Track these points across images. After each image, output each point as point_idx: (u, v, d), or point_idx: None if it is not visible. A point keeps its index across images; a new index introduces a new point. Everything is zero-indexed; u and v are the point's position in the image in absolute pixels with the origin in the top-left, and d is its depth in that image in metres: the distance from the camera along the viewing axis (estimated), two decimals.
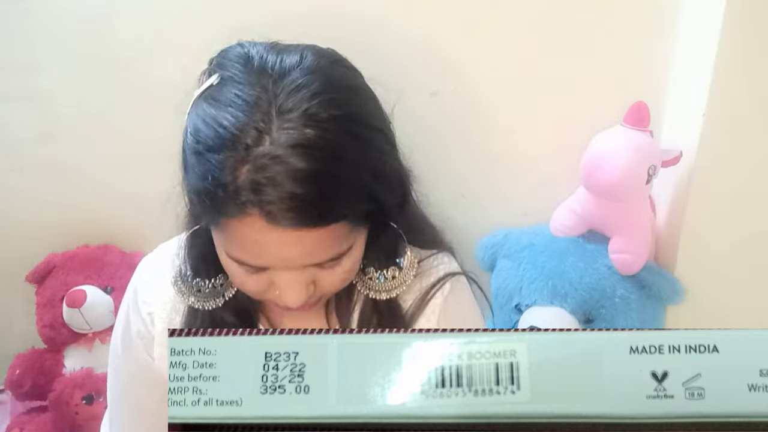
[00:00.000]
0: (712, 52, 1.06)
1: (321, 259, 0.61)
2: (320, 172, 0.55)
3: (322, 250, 0.60)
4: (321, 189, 0.56)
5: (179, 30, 1.25)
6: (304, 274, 0.63)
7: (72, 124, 1.34)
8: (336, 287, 0.68)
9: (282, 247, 0.58)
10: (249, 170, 0.55)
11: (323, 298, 0.71)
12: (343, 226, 0.60)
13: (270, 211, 0.55)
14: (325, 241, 0.59)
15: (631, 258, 1.15)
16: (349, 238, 0.62)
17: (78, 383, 1.30)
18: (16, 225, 1.41)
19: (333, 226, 0.58)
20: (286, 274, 0.62)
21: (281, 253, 0.59)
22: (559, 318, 1.16)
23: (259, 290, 0.65)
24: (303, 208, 0.55)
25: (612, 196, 1.12)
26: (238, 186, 0.55)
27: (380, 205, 0.64)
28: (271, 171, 0.54)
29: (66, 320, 1.31)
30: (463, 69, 1.22)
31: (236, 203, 0.56)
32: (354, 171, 0.58)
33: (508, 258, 1.25)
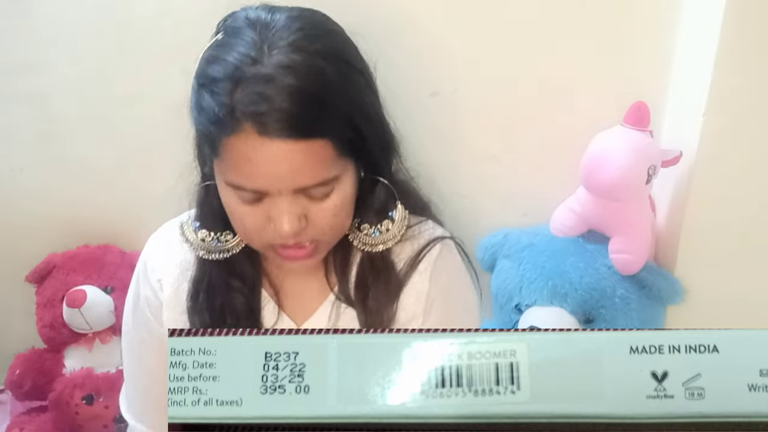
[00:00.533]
0: (712, 52, 1.06)
1: (309, 179, 0.67)
2: (305, 89, 0.64)
3: (309, 168, 0.66)
4: (306, 104, 0.64)
5: (179, 30, 1.25)
6: (296, 204, 0.68)
7: (72, 124, 1.34)
8: (328, 228, 0.72)
9: (272, 164, 0.65)
10: (243, 89, 0.64)
11: (319, 248, 0.75)
12: (327, 146, 0.66)
13: (261, 122, 0.63)
14: (311, 159, 0.66)
15: (631, 258, 1.15)
16: (335, 166, 0.69)
17: (78, 383, 1.31)
18: (17, 225, 1.42)
19: (318, 143, 0.65)
20: (279, 202, 0.68)
21: (272, 170, 0.65)
22: (559, 318, 1.16)
23: (257, 227, 0.70)
24: (289, 119, 0.63)
25: (612, 196, 1.12)
26: (234, 103, 0.64)
27: (363, 139, 0.71)
28: (262, 87, 0.63)
29: (66, 320, 1.31)
30: (463, 69, 1.22)
31: (233, 118, 0.64)
32: (336, 95, 0.66)
33: (508, 258, 1.25)
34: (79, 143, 1.35)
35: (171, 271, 0.83)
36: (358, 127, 0.70)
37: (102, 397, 1.30)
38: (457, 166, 1.26)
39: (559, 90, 1.22)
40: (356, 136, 0.70)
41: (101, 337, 1.35)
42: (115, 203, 1.39)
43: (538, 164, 1.28)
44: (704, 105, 1.09)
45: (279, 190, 0.68)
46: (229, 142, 0.66)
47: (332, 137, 0.67)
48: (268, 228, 0.71)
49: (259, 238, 0.73)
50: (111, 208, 1.39)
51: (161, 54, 1.27)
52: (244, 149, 0.65)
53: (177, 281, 0.82)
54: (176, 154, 1.34)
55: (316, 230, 0.72)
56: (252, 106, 0.63)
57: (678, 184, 1.18)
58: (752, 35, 1.05)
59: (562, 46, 1.19)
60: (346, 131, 0.69)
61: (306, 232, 0.71)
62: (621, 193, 1.11)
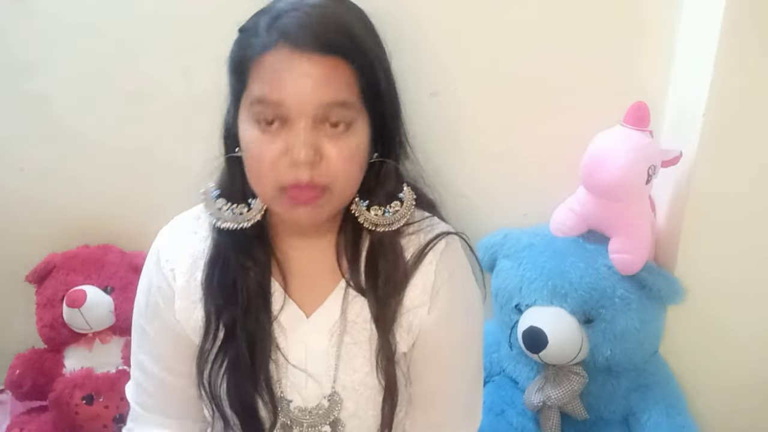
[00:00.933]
0: (712, 52, 1.06)
1: (329, 95, 0.72)
2: (334, 19, 0.74)
3: (331, 84, 0.72)
4: (334, 28, 0.73)
5: (179, 30, 1.25)
6: (314, 135, 0.73)
7: (72, 125, 1.34)
8: (340, 172, 0.75)
9: (299, 77, 0.71)
10: (281, 19, 0.73)
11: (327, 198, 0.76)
12: (349, 70, 0.73)
13: (293, 38, 0.71)
14: (333, 77, 0.72)
15: (631, 258, 1.15)
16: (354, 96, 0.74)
17: (78, 383, 1.31)
18: (16, 225, 1.42)
19: (342, 64, 0.72)
20: (297, 130, 0.72)
21: (298, 82, 0.71)
22: (559, 318, 1.16)
23: (272, 161, 0.73)
24: (319, 36, 0.71)
25: (612, 196, 1.12)
26: (272, 27, 0.73)
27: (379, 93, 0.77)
28: (297, 15, 0.72)
29: (66, 320, 1.31)
30: (464, 69, 1.22)
31: (269, 37, 0.72)
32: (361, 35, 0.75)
33: (508, 258, 1.25)
34: (78, 144, 1.35)
35: (184, 261, 0.85)
36: (374, 71, 0.76)
37: (102, 397, 1.30)
38: (456, 166, 1.26)
39: (559, 90, 1.22)
40: (372, 81, 0.76)
41: (101, 337, 1.35)
42: (115, 203, 1.39)
43: (538, 164, 1.28)
44: (704, 105, 1.09)
45: (299, 108, 0.72)
46: (260, 60, 0.73)
47: (352, 62, 0.73)
48: (283, 162, 0.73)
49: (273, 175, 0.74)
50: (111, 208, 1.40)
51: (161, 54, 1.27)
52: (274, 62, 0.72)
53: (189, 271, 0.84)
54: (176, 155, 1.36)
55: (329, 171, 0.74)
56: (287, 26, 0.72)
57: (678, 184, 1.18)
58: (752, 35, 1.05)
59: (562, 47, 1.19)
60: (363, 66, 0.74)
61: (319, 170, 0.73)
62: (621, 193, 1.11)
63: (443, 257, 0.85)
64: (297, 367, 0.84)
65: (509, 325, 1.24)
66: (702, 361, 1.26)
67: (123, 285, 1.35)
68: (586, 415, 1.22)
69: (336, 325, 0.84)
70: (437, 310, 0.84)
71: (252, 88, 0.74)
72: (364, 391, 0.84)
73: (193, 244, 0.86)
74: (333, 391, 0.84)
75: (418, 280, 0.84)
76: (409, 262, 0.84)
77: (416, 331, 0.84)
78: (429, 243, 0.85)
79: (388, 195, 0.83)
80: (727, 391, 1.26)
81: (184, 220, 0.89)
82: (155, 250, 0.87)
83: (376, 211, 0.82)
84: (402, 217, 0.83)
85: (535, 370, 1.25)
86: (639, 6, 1.16)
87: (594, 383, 1.21)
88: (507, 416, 1.24)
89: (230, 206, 0.81)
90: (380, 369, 0.82)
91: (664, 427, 1.17)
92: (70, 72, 1.29)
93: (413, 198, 0.84)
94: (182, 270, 0.85)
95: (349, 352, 0.84)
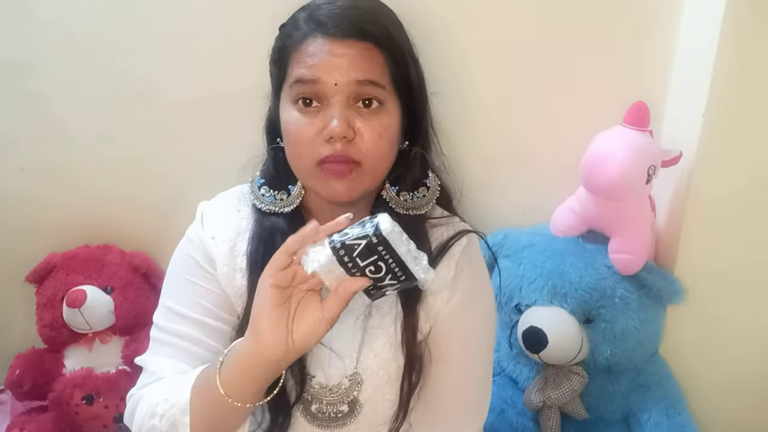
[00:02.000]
0: (712, 52, 1.06)
1: (362, 72, 0.79)
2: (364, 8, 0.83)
3: (364, 63, 0.79)
4: (366, 19, 0.81)
5: (179, 30, 1.25)
6: (348, 111, 0.80)
7: (71, 124, 1.34)
8: (373, 148, 0.81)
9: (334, 57, 0.79)
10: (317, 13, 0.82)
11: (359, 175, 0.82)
12: (380, 55, 0.81)
13: (327, 28, 0.79)
14: (366, 57, 0.80)
15: (631, 258, 1.15)
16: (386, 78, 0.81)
17: (78, 383, 1.31)
18: (16, 225, 1.42)
19: (374, 49, 0.80)
20: (333, 107, 0.79)
21: (333, 62, 0.79)
22: (559, 318, 1.16)
23: (310, 138, 0.80)
24: (352, 24, 0.80)
25: (612, 196, 1.12)
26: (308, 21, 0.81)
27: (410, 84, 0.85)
28: (332, 9, 0.81)
29: (66, 320, 1.31)
30: (464, 69, 1.22)
31: (306, 29, 0.81)
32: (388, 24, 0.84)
33: (508, 258, 1.25)
34: (78, 144, 1.35)
35: (226, 231, 0.90)
36: (404, 59, 0.84)
37: (102, 397, 1.30)
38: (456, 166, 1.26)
39: (559, 90, 1.22)
40: (402, 67, 0.84)
41: (101, 337, 1.35)
42: (114, 203, 1.39)
43: (538, 164, 1.28)
44: (704, 105, 1.09)
45: (335, 83, 0.78)
46: (299, 49, 0.81)
47: (382, 47, 0.81)
48: (320, 139, 0.80)
49: (311, 151, 0.81)
50: (111, 208, 1.39)
51: (161, 55, 1.27)
52: (310, 48, 0.80)
53: (232, 240, 0.89)
54: (176, 155, 1.36)
55: (362, 147, 0.81)
56: (323, 17, 0.80)
57: (678, 184, 1.18)
58: (752, 35, 1.05)
59: (563, 47, 1.19)
60: (393, 52, 0.82)
61: (353, 145, 0.80)
62: (621, 193, 1.11)
63: (464, 253, 0.90)
64: (323, 344, 0.86)
65: (509, 325, 1.24)
66: (702, 361, 1.26)
67: (123, 285, 1.35)
68: (586, 415, 1.22)
69: (361, 307, 0.87)
70: (454, 302, 0.88)
71: (291, 73, 0.82)
72: (383, 375, 0.87)
73: (235, 219, 0.91)
74: (355, 371, 0.86)
75: (439, 272, 0.87)
76: (433, 254, 0.89)
77: (433, 320, 0.88)
78: (453, 237, 0.90)
79: (415, 181, 0.90)
80: (727, 391, 1.26)
81: (224, 200, 0.94)
82: (199, 217, 0.92)
83: (405, 196, 0.89)
84: (429, 202, 0.90)
85: (535, 370, 1.25)
86: (639, 6, 1.16)
87: (594, 383, 1.21)
88: (507, 416, 1.24)
89: (272, 193, 0.89)
90: (403, 344, 0.86)
91: (664, 427, 1.17)
92: (70, 72, 1.29)
93: (438, 184, 0.91)
94: (224, 238, 0.89)
95: (373, 335, 0.87)
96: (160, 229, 1.37)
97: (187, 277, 0.89)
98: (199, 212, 0.93)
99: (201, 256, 0.89)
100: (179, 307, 0.88)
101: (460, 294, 0.88)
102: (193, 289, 0.88)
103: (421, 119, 0.90)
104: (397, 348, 0.86)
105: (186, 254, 0.91)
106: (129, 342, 1.36)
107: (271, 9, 0.89)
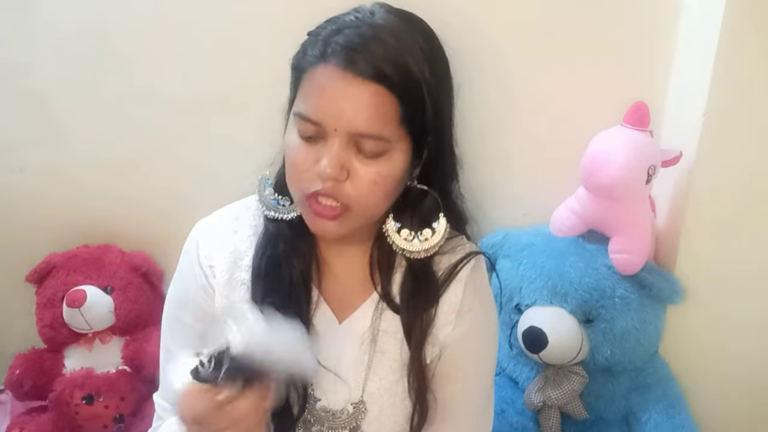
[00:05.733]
0: (712, 52, 1.06)
1: (365, 125, 0.73)
2: (389, 41, 0.73)
3: (369, 114, 0.72)
4: (391, 56, 0.73)
5: (179, 31, 1.25)
6: (345, 152, 0.74)
7: (72, 125, 1.34)
8: (364, 194, 0.76)
9: (341, 98, 0.72)
10: (343, 32, 0.74)
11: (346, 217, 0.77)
12: (393, 103, 0.73)
13: (348, 56, 0.72)
14: (374, 106, 0.72)
15: (631, 258, 1.15)
16: (392, 128, 0.74)
17: (78, 383, 1.31)
18: (16, 225, 1.42)
19: (387, 96, 0.72)
20: (330, 144, 0.73)
21: (338, 103, 0.72)
22: (559, 318, 1.16)
23: (303, 167, 0.76)
24: (374, 61, 0.72)
25: (612, 196, 1.12)
26: (331, 39, 0.74)
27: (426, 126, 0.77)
28: (358, 32, 0.73)
29: (66, 320, 1.31)
30: (464, 69, 1.22)
31: (325, 49, 0.73)
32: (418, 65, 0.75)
33: (508, 258, 1.25)
34: (78, 144, 1.35)
35: (224, 258, 0.85)
36: (422, 104, 0.76)
37: (102, 397, 1.30)
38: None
39: (560, 90, 1.22)
40: (421, 116, 0.76)
41: (101, 337, 1.35)
42: (115, 203, 1.39)
43: (538, 164, 1.28)
44: (704, 105, 1.09)
45: (335, 128, 0.73)
46: (312, 72, 0.74)
47: (398, 94, 0.73)
48: (312, 171, 0.75)
49: (300, 180, 0.77)
50: (111, 208, 1.39)
51: (161, 55, 1.27)
52: (321, 78, 0.73)
53: (230, 270, 0.85)
54: (176, 155, 1.36)
55: (352, 191, 0.75)
56: (345, 41, 0.73)
57: (678, 184, 1.18)
58: (752, 35, 1.05)
59: (563, 46, 1.19)
60: (414, 100, 0.75)
61: (343, 188, 0.75)
62: (621, 193, 1.11)
63: (471, 277, 0.87)
64: (328, 369, 0.84)
65: (509, 325, 1.24)
66: (702, 361, 1.26)
67: (123, 285, 1.35)
68: (586, 415, 1.22)
69: (367, 333, 0.85)
70: (461, 328, 0.86)
71: (299, 100, 0.76)
72: (388, 398, 0.85)
73: (233, 243, 0.86)
74: (360, 399, 0.85)
75: (446, 298, 0.86)
76: (440, 279, 0.86)
77: (440, 347, 0.86)
78: (459, 262, 0.87)
79: (421, 221, 0.83)
80: (727, 391, 1.26)
81: (222, 219, 0.89)
82: (194, 244, 0.87)
83: (406, 236, 0.82)
84: (432, 248, 0.82)
85: (535, 370, 1.25)
86: (639, 6, 1.16)
87: (594, 383, 1.21)
88: (507, 416, 1.24)
89: (276, 196, 0.84)
90: (411, 388, 0.84)
91: (664, 426, 1.17)
92: (70, 73, 1.29)
93: (446, 229, 0.83)
94: (222, 269, 0.85)
95: (378, 359, 0.85)
96: (160, 229, 1.38)
97: (181, 315, 0.87)
98: (194, 238, 0.87)
99: (202, 292, 0.85)
100: (175, 348, 0.87)
101: (466, 320, 0.86)
102: (186, 332, 0.86)
103: (438, 158, 0.82)
104: (401, 371, 0.85)
105: (181, 288, 0.88)
106: (129, 342, 1.36)
107: (272, 9, 0.89)
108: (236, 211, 0.89)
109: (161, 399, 0.90)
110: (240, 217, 0.88)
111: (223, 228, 0.87)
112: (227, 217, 0.88)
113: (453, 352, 0.86)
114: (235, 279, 0.84)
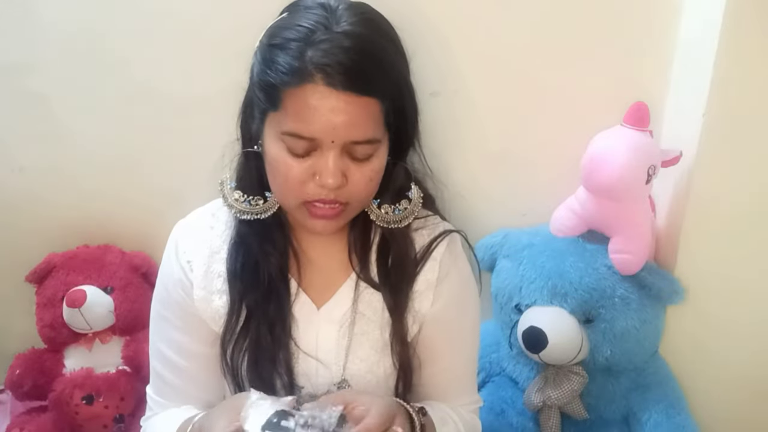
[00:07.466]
0: (712, 52, 1.06)
1: (360, 133, 0.75)
2: (368, 52, 0.75)
3: (362, 123, 0.75)
4: (368, 64, 0.74)
5: (179, 30, 1.25)
6: (341, 161, 0.76)
7: (71, 125, 1.34)
8: (363, 191, 0.80)
9: (333, 114, 0.73)
10: (315, 47, 0.73)
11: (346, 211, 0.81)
12: (377, 107, 0.76)
13: (329, 74, 0.72)
14: (364, 115, 0.75)
15: (631, 258, 1.15)
16: (380, 129, 0.78)
17: (78, 383, 1.31)
18: (16, 225, 1.41)
19: (372, 102, 0.75)
20: (326, 157, 0.75)
21: (332, 119, 0.73)
22: (559, 318, 1.16)
23: (300, 181, 0.77)
24: (354, 74, 0.73)
25: (612, 196, 1.12)
26: (307, 57, 0.73)
27: (404, 114, 0.81)
28: (333, 46, 0.73)
29: (66, 320, 1.31)
30: (464, 69, 1.22)
31: (304, 70, 0.73)
32: (390, 64, 0.77)
33: (508, 258, 1.25)
34: (78, 144, 1.35)
35: (201, 253, 0.88)
36: (402, 98, 0.80)
37: (102, 397, 1.30)
38: (456, 166, 1.26)
39: (560, 90, 1.22)
40: (399, 107, 0.80)
41: (101, 337, 1.35)
42: (115, 203, 1.39)
43: (538, 164, 1.28)
44: (704, 105, 1.09)
45: (332, 141, 0.75)
46: (295, 92, 0.74)
47: (383, 99, 0.76)
48: (310, 182, 0.78)
49: (299, 192, 0.78)
50: (111, 208, 1.39)
51: (160, 55, 1.27)
52: (310, 98, 0.73)
53: (207, 263, 0.88)
54: (175, 155, 1.35)
55: (352, 191, 0.79)
56: (324, 59, 0.72)
57: (678, 184, 1.18)
58: (752, 35, 1.05)
59: (562, 46, 1.19)
60: (393, 97, 0.78)
61: (343, 191, 0.78)
62: (621, 193, 1.11)
63: (446, 253, 0.91)
64: (308, 355, 0.87)
65: (509, 325, 1.24)
66: (702, 361, 1.26)
67: (123, 285, 1.35)
68: (586, 415, 1.22)
69: (346, 315, 0.88)
70: (440, 303, 0.89)
71: (285, 119, 0.76)
72: (371, 379, 0.88)
73: (209, 238, 0.89)
74: (342, 379, 0.87)
75: (423, 276, 0.89)
76: (417, 255, 0.90)
77: (420, 322, 0.89)
78: (434, 240, 0.91)
79: (397, 193, 0.88)
80: (727, 391, 1.26)
81: (199, 216, 0.92)
82: (173, 242, 0.90)
83: (387, 209, 0.87)
84: (410, 215, 0.88)
85: (535, 370, 1.25)
86: (639, 6, 1.16)
87: (594, 383, 1.21)
88: (507, 416, 1.24)
89: (246, 198, 0.85)
90: (394, 352, 0.87)
91: (664, 426, 1.17)
92: (70, 72, 1.29)
93: (420, 196, 0.89)
94: (199, 262, 0.88)
95: (358, 341, 0.88)
96: (160, 229, 1.36)
97: (165, 312, 0.91)
98: (173, 237, 0.91)
99: (180, 286, 0.88)
100: (161, 345, 0.91)
101: (445, 296, 0.90)
102: (174, 328, 0.90)
103: (410, 137, 0.88)
104: (383, 351, 0.88)
105: (163, 286, 0.91)
106: (129, 342, 1.36)
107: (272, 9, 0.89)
108: (213, 208, 0.92)
109: (153, 393, 0.93)
110: (216, 213, 0.91)
111: (200, 224, 0.91)
112: (204, 214, 0.92)
113: (433, 328, 0.90)
114: (212, 271, 0.88)
